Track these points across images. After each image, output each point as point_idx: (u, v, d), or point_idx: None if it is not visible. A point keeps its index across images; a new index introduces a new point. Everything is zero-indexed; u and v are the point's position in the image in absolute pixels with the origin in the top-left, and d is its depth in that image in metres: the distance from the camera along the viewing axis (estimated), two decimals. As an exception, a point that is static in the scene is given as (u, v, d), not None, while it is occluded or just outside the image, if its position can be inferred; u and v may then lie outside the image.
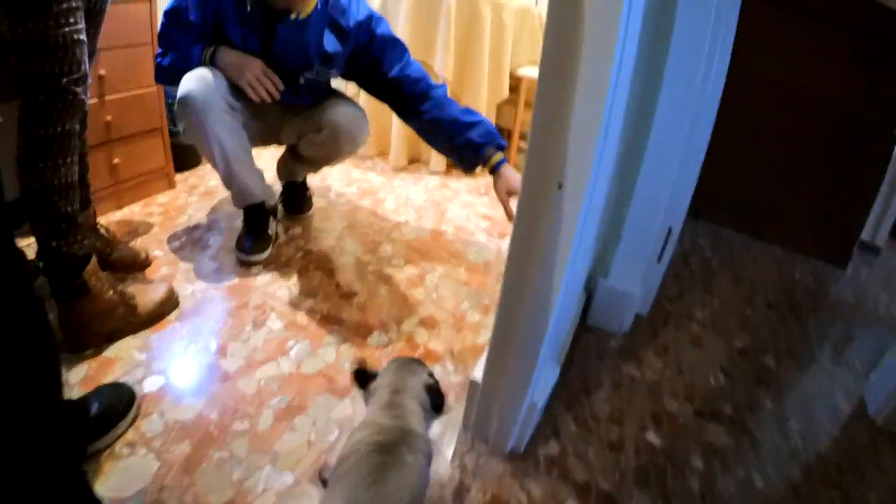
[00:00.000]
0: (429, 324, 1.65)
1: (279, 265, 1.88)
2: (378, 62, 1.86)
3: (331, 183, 2.65)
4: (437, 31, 2.72)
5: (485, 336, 1.60)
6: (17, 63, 1.21)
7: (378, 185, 2.68)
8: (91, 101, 1.90)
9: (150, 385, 1.31)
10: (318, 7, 1.76)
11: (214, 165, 1.77)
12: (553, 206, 0.95)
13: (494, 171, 1.76)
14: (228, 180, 1.82)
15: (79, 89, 1.27)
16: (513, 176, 1.74)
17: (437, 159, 2.92)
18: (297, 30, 1.74)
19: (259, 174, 1.90)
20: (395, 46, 1.89)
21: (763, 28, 2.26)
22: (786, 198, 2.59)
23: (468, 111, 1.84)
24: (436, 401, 1.08)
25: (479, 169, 1.83)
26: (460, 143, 1.80)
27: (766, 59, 2.38)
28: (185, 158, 2.51)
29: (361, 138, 1.99)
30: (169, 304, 1.58)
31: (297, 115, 1.99)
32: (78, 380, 1.30)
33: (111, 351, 1.40)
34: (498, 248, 2.15)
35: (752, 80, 2.35)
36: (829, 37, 2.29)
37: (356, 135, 1.95)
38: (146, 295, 1.53)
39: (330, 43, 1.80)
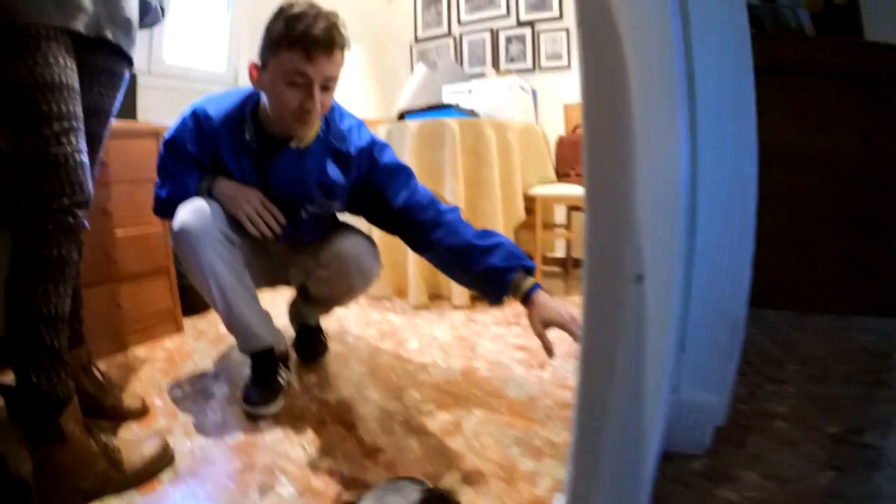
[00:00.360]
0: (473, 479, 1.34)
1: (292, 419, 1.61)
2: (382, 191, 1.69)
3: (348, 326, 2.44)
4: (444, 158, 2.64)
5: (544, 485, 1.29)
6: (17, 183, 1.16)
7: (399, 326, 2.46)
8: (95, 236, 1.87)
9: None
10: (320, 135, 1.64)
11: (213, 304, 1.60)
12: (633, 306, 0.73)
13: (526, 299, 1.52)
14: (229, 321, 1.63)
15: (80, 213, 1.20)
16: (548, 303, 1.49)
17: (460, 293, 2.71)
18: (296, 159, 1.61)
19: (265, 316, 1.71)
20: (399, 173, 1.72)
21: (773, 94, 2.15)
22: (819, 262, 2.36)
23: (486, 233, 1.64)
24: None
25: (507, 299, 1.58)
26: (481, 271, 1.57)
27: (781, 124, 2.24)
28: (194, 302, 2.39)
29: (373, 271, 1.81)
30: (161, 461, 1.33)
31: (302, 252, 1.83)
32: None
33: (87, 512, 1.16)
34: (540, 380, 1.86)
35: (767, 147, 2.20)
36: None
37: (366, 267, 1.77)
38: (135, 449, 1.30)
39: (332, 172, 1.66)
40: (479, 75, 3.68)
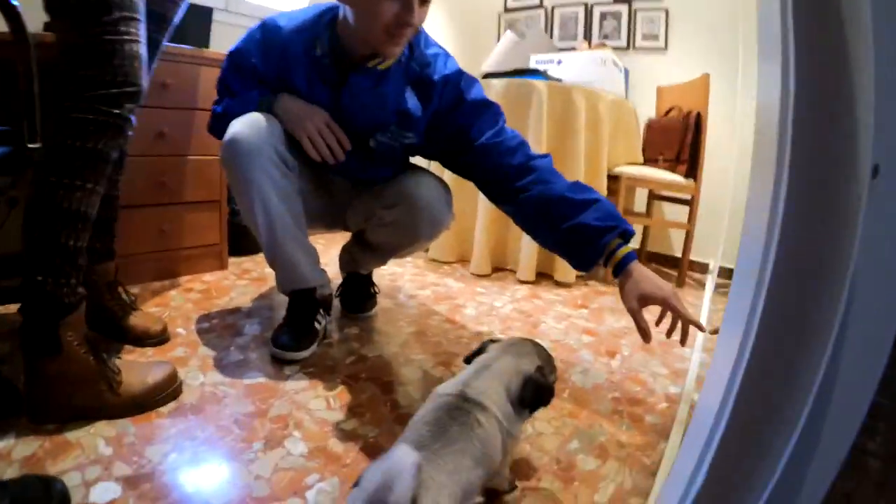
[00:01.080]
0: (522, 471, 1.07)
1: (321, 369, 1.39)
2: (465, 128, 1.43)
3: (401, 284, 2.20)
4: (528, 124, 2.37)
5: (607, 492, 1.02)
6: (64, 74, 1.02)
7: (456, 291, 2.21)
8: (146, 157, 1.84)
9: (98, 494, 0.89)
10: (402, 59, 1.40)
11: (255, 230, 1.39)
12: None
13: (620, 269, 1.23)
14: (272, 253, 1.42)
15: (127, 106, 1.05)
16: (648, 276, 1.21)
17: (527, 267, 2.43)
18: (374, 81, 1.38)
19: (312, 253, 1.50)
20: (487, 111, 1.46)
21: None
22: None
23: (581, 186, 1.35)
24: (528, 395, 0.93)
25: (600, 268, 1.29)
26: (571, 227, 1.27)
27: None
28: (244, 244, 2.26)
29: (444, 220, 1.55)
30: (165, 391, 1.16)
31: (366, 193, 1.60)
32: (21, 457, 0.96)
33: (74, 432, 1.04)
34: (609, 369, 1.58)
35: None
36: None
37: (438, 215, 1.52)
38: (138, 374, 1.14)
39: (411, 100, 1.42)
40: (570, 49, 3.39)
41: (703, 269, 3.39)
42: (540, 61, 3.07)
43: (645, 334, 1.17)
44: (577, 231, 1.28)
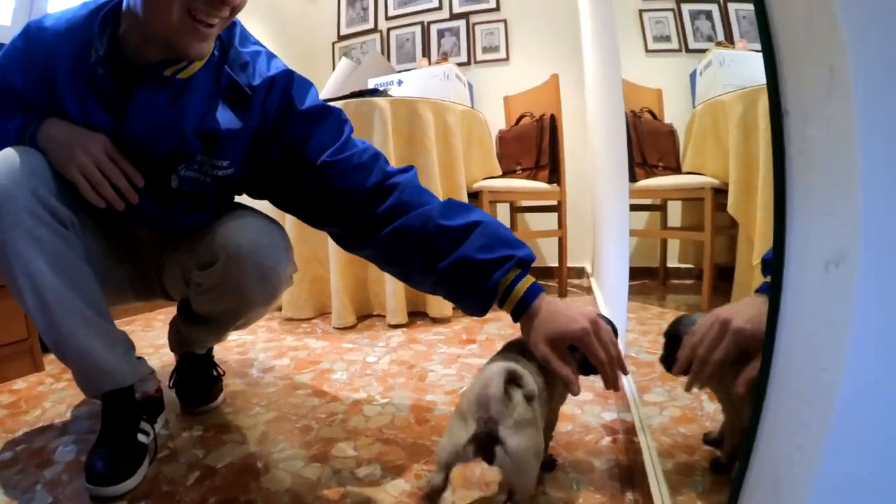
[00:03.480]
0: None
1: (156, 499, 0.97)
2: (299, 143, 1.06)
3: (253, 355, 1.77)
4: (374, 141, 2.03)
5: None
6: None
7: (321, 352, 1.80)
8: None
9: None
10: (210, 62, 1.01)
11: (28, 312, 0.95)
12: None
13: (523, 308, 0.94)
14: (55, 345, 0.99)
15: None
16: (554, 312, 0.91)
17: (395, 309, 2.08)
18: (171, 95, 0.98)
19: (118, 338, 1.07)
20: (328, 119, 1.09)
21: None
22: None
23: (454, 206, 1.02)
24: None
25: (495, 309, 0.98)
26: (452, 266, 0.96)
27: None
28: None
29: (279, 273, 1.14)
30: None
31: (179, 248, 1.18)
32: None
33: None
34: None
35: None
36: None
37: (270, 267, 1.11)
38: None
39: (223, 116, 1.03)
40: (410, 70, 3.15)
41: (580, 273, 3.25)
42: (380, 84, 2.80)
43: (571, 385, 0.87)
44: (459, 270, 0.96)
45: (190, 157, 1.03)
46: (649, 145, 1.58)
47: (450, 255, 0.96)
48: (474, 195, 2.33)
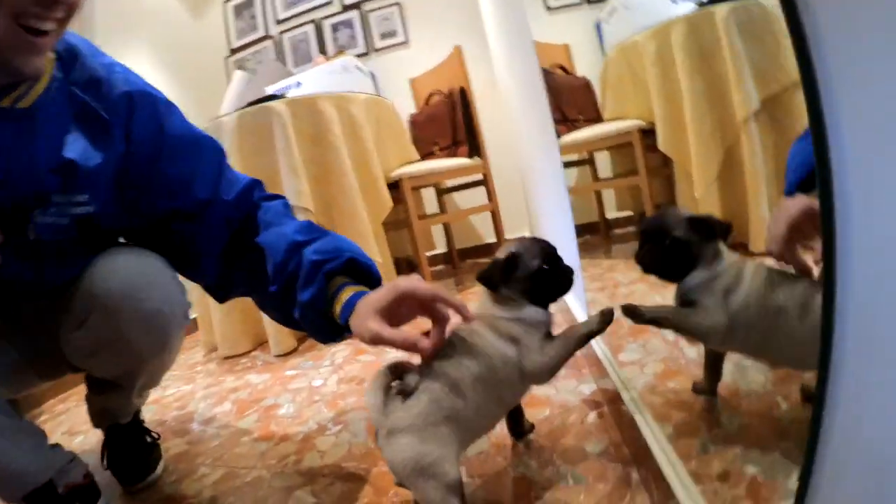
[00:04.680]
0: None
1: None
2: (182, 181, 0.95)
3: (193, 407, 1.59)
4: (276, 153, 1.88)
5: None
6: None
7: (263, 388, 1.63)
8: None
9: None
10: (54, 83, 0.85)
11: None
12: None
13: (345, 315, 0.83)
14: None
15: None
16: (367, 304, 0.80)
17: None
18: (12, 130, 0.81)
19: (26, 431, 0.94)
20: (197, 149, 0.98)
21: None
22: None
23: (312, 227, 0.95)
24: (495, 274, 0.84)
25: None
26: (289, 278, 0.90)
27: None
28: None
29: (164, 310, 0.98)
30: None
31: (60, 308, 0.99)
32: None
33: None
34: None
35: None
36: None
37: (150, 304, 0.94)
38: None
39: (76, 144, 0.87)
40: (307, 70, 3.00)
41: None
42: (278, 91, 2.63)
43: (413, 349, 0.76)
44: (296, 280, 0.89)
45: (46, 198, 0.87)
46: (566, 101, 1.50)
47: (292, 266, 0.90)
48: (394, 185, 2.20)
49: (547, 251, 0.88)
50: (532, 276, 0.85)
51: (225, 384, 1.74)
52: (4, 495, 0.91)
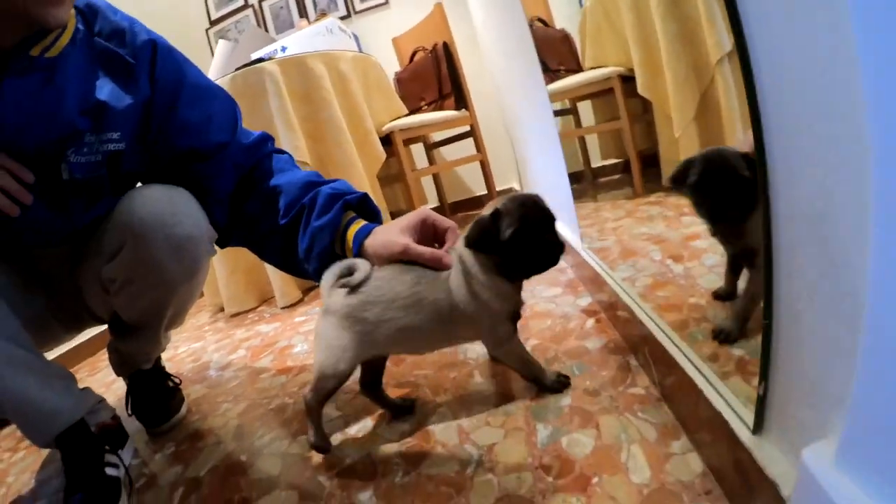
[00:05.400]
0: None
1: None
2: (198, 127, 1.00)
3: (207, 358, 1.65)
4: (270, 110, 1.92)
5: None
6: None
7: (274, 334, 1.70)
8: None
9: None
10: (78, 33, 0.88)
11: None
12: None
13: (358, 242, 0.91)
14: None
15: None
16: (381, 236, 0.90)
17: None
18: (42, 77, 0.84)
19: (54, 372, 0.96)
20: (214, 96, 1.04)
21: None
22: None
23: (313, 178, 1.02)
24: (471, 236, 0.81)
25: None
26: (291, 221, 0.98)
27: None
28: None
29: (195, 234, 1.01)
30: None
31: (86, 252, 1.04)
32: None
33: None
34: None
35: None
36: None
37: (181, 230, 0.98)
38: None
39: (106, 88, 0.91)
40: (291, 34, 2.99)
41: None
42: (264, 55, 2.63)
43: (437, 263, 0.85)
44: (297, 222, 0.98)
45: (79, 138, 0.91)
46: (547, 52, 1.53)
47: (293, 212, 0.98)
48: (386, 140, 2.23)
49: (531, 217, 0.80)
50: (504, 245, 0.79)
51: (236, 336, 1.80)
52: (37, 437, 0.95)
